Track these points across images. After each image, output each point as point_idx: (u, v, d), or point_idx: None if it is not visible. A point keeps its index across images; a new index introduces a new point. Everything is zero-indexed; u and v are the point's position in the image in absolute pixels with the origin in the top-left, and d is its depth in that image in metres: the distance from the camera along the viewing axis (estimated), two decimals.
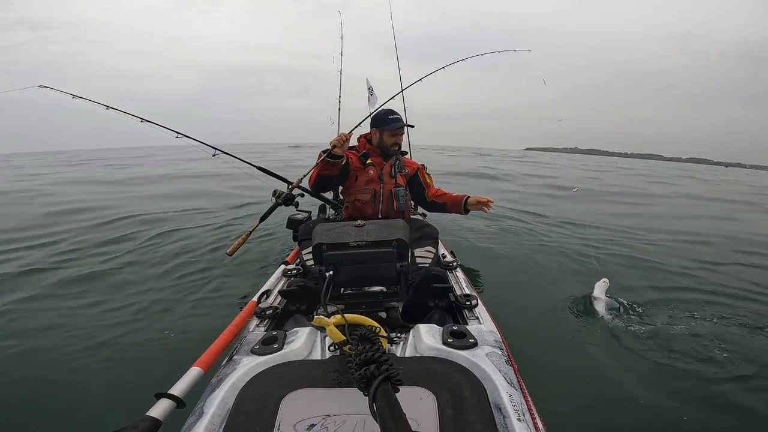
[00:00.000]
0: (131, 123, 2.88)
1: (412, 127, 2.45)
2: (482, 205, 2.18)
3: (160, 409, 0.76)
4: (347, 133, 2.10)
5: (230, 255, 2.44)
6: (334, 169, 2.03)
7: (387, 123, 2.12)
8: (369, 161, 2.13)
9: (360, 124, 2.55)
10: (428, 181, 2.35)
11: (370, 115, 2.37)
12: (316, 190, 2.28)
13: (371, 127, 2.22)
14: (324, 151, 2.03)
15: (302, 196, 2.68)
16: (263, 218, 2.54)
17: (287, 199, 2.61)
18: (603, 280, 2.52)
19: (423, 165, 2.43)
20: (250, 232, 2.47)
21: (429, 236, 1.88)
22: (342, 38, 4.05)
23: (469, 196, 2.25)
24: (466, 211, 2.26)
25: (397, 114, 2.17)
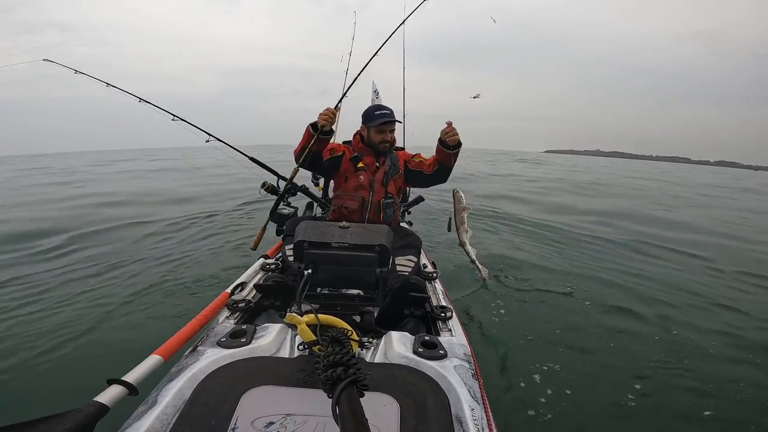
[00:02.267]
0: (131, 105, 2.83)
1: (399, 122, 2.13)
2: (447, 132, 1.89)
3: (109, 395, 0.73)
4: (334, 108, 1.97)
5: (254, 249, 2.36)
6: (323, 145, 1.92)
7: (373, 119, 1.97)
8: (360, 165, 2.02)
9: (341, 98, 2.42)
10: (421, 159, 2.14)
11: (345, 93, 2.37)
12: (302, 164, 2.04)
13: (361, 124, 2.10)
14: (312, 125, 1.89)
15: (293, 194, 2.63)
16: (272, 211, 2.49)
17: (275, 192, 2.58)
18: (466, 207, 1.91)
19: (412, 155, 2.22)
20: (265, 225, 2.40)
21: (412, 245, 1.87)
22: (353, 38, 4.06)
23: (440, 138, 1.95)
24: (451, 148, 1.93)
25: (387, 109, 2.01)
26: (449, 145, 1.91)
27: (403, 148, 2.28)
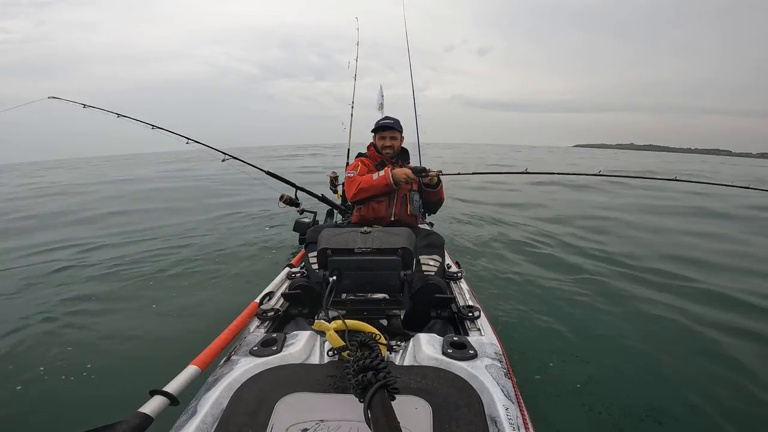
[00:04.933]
0: (143, 130, 2.95)
1: (397, 130, 2.21)
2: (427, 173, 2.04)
3: (152, 406, 0.76)
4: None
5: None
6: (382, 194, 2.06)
7: (375, 126, 2.17)
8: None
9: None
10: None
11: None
12: (354, 203, 2.17)
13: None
14: (376, 164, 2.12)
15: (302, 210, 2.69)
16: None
17: (293, 204, 2.65)
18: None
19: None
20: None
21: (435, 245, 1.87)
22: (358, 44, 4.08)
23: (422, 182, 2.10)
24: (432, 187, 2.12)
25: (390, 120, 2.17)
26: (431, 185, 2.11)
27: (407, 155, 2.31)
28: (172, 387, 0.84)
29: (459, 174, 2.51)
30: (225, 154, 2.93)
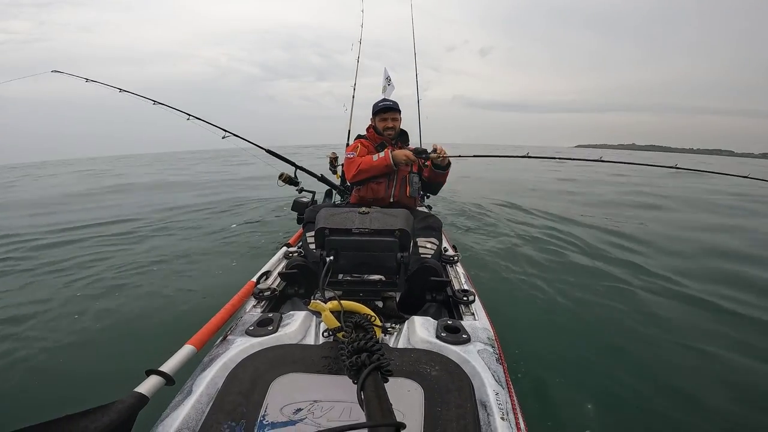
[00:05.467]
0: (146, 107, 2.89)
1: (398, 111, 2.21)
2: (437, 155, 2.03)
3: (148, 385, 0.76)
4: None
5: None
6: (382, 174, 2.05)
7: (376, 108, 2.18)
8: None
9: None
10: (426, 164, 2.22)
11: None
12: (354, 183, 2.17)
13: (371, 116, 2.24)
14: (376, 146, 2.11)
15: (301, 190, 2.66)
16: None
17: (292, 182, 2.63)
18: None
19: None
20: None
21: (432, 227, 1.86)
22: (362, 26, 4.04)
23: (432, 162, 2.08)
24: (442, 168, 2.10)
25: (389, 101, 2.18)
26: (441, 166, 2.08)
27: (407, 136, 2.29)
28: (167, 366, 0.85)
29: (460, 156, 2.49)
30: (225, 131, 2.89)
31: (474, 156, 2.67)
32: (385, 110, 2.14)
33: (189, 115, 2.92)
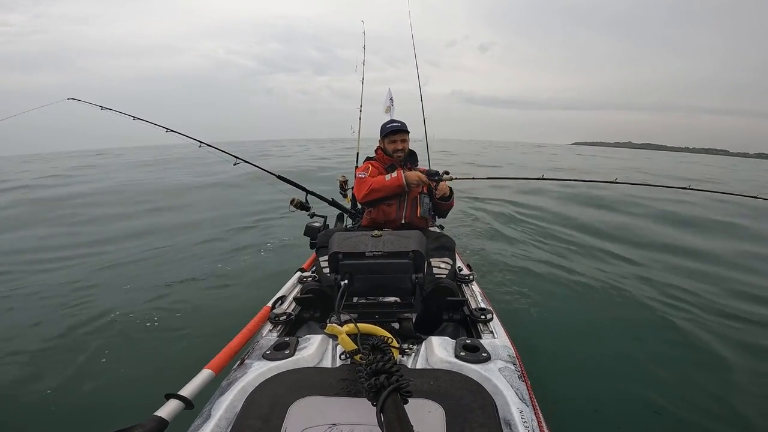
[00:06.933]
0: (158, 133, 3.02)
1: (407, 132, 2.25)
2: (438, 192, 2.09)
3: (168, 409, 0.77)
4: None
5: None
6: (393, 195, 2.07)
7: (384, 130, 2.18)
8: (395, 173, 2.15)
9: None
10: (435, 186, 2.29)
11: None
12: (365, 204, 2.21)
13: (379, 138, 2.26)
14: (386, 167, 2.13)
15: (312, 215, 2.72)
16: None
17: (303, 207, 2.68)
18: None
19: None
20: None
21: (446, 247, 1.86)
22: (365, 47, 4.13)
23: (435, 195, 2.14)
24: (445, 199, 2.15)
25: (398, 123, 2.20)
26: (444, 197, 2.13)
27: (416, 157, 2.33)
28: (186, 391, 0.85)
29: (473, 179, 2.51)
30: (237, 158, 2.97)
31: (487, 178, 2.68)
32: (395, 132, 2.16)
33: (201, 142, 3.03)
